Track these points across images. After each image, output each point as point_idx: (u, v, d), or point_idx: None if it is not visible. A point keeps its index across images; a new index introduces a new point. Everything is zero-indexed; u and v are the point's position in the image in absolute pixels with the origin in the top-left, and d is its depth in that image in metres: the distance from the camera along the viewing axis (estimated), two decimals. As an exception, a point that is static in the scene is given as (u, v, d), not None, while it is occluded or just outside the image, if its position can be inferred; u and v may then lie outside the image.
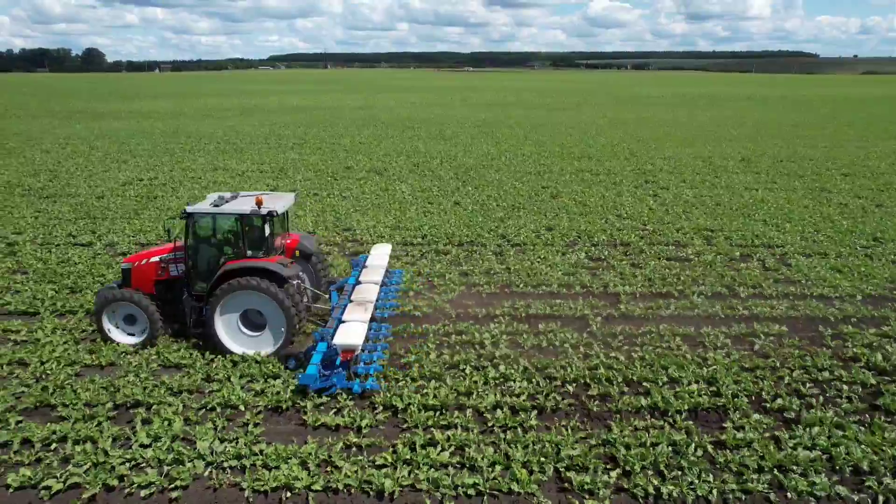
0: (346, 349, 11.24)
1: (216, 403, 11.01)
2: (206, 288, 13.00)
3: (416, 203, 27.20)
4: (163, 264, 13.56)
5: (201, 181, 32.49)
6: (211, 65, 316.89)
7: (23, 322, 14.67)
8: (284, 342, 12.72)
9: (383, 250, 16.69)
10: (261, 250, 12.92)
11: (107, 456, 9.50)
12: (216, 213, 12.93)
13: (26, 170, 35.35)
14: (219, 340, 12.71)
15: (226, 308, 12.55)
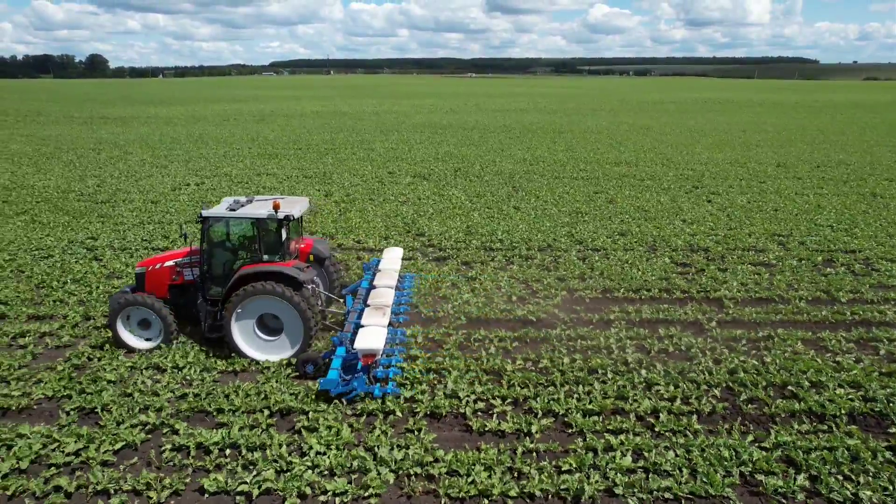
0: (366, 353, 11.23)
1: (373, 409, 10.94)
2: (221, 292, 13.00)
3: (476, 208, 27.18)
4: (178, 268, 13.53)
5: (248, 186, 32.43)
6: (214, 71, 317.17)
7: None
8: (301, 347, 12.68)
9: (395, 254, 16.63)
10: (277, 254, 12.92)
11: (289, 463, 9.42)
12: (232, 217, 12.90)
13: (71, 175, 35.23)
14: (235, 345, 12.69)
15: (242, 313, 12.52)
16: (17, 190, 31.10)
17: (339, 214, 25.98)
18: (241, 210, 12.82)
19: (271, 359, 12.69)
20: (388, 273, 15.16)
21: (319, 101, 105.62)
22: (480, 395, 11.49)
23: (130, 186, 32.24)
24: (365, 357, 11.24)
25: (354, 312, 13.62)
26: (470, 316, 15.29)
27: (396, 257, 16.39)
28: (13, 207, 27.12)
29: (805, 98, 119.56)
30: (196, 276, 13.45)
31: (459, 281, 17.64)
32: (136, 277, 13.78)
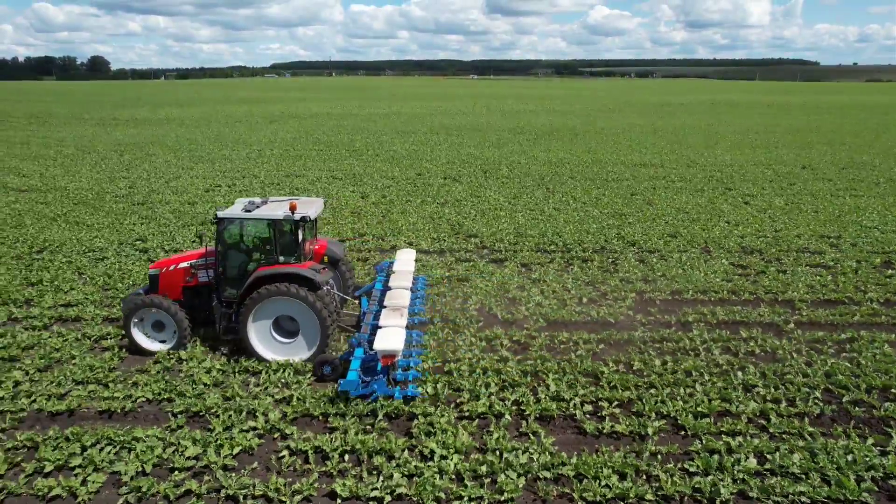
0: (386, 355, 11.12)
1: (472, 413, 10.86)
2: (236, 294, 12.90)
3: (517, 210, 27.11)
4: (192, 270, 13.42)
5: (280, 187, 32.32)
6: (216, 72, 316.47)
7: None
8: (319, 349, 12.55)
9: (409, 255, 16.55)
10: (292, 256, 12.81)
11: (416, 468, 9.33)
12: (248, 219, 12.81)
13: (100, 177, 35.08)
14: (251, 347, 12.59)
15: (258, 314, 12.41)
16: (52, 192, 30.93)
17: (383, 216, 25.89)
18: (257, 211, 12.71)
19: (284, 360, 12.54)
20: (403, 274, 15.03)
21: (328, 102, 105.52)
22: (584, 397, 11.41)
23: (162, 188, 32.11)
24: (385, 358, 11.14)
25: (370, 314, 13.58)
26: (547, 318, 15.22)
27: (410, 259, 16.28)
28: (53, 209, 26.97)
29: (811, 99, 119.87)
30: (211, 278, 13.33)
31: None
32: (149, 279, 13.63)
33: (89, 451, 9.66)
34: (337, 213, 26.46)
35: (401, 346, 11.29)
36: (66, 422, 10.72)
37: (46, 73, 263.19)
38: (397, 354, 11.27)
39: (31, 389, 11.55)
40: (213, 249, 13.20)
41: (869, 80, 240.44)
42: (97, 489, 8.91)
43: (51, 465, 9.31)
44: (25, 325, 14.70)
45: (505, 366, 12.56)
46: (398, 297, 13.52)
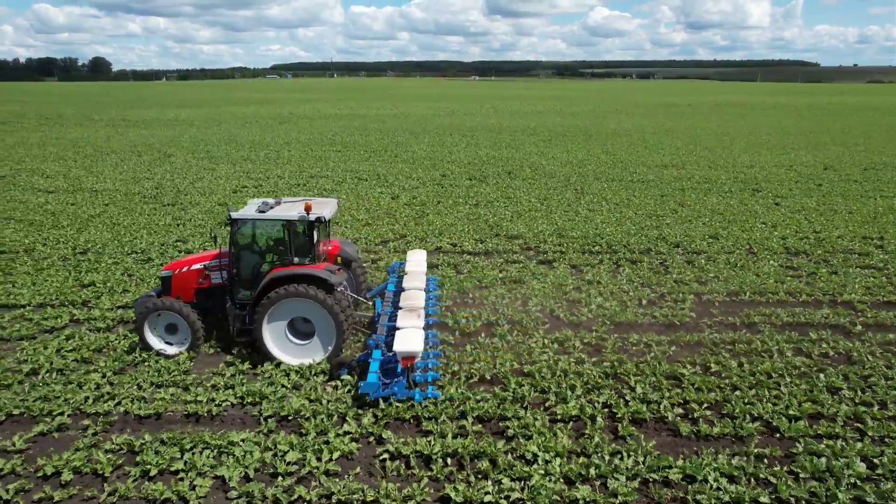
0: (405, 356, 11.01)
1: (564, 416, 10.77)
2: (249, 296, 12.76)
3: (552, 210, 27.02)
4: (206, 272, 13.28)
5: (307, 187, 32.20)
6: (217, 73, 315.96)
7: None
8: (334, 350, 12.41)
9: (420, 256, 16.41)
10: (307, 257, 12.68)
11: (523, 471, 9.22)
12: (262, 220, 12.67)
13: (124, 177, 34.93)
14: (266, 349, 12.45)
15: (274, 316, 12.28)
16: (79, 193, 30.76)
17: (418, 217, 25.79)
18: (272, 212, 12.59)
19: (303, 363, 12.42)
20: (417, 275, 14.89)
21: (334, 103, 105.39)
22: (670, 399, 11.33)
23: (189, 188, 31.97)
24: (404, 360, 11.04)
25: (385, 315, 13.40)
26: (612, 320, 15.14)
27: (421, 260, 16.17)
28: (86, 210, 26.81)
29: (815, 101, 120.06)
30: (224, 280, 13.18)
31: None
32: (161, 281, 13.50)
33: (188, 455, 9.53)
34: (371, 214, 26.33)
35: (420, 347, 11.16)
36: (155, 425, 10.60)
37: (48, 73, 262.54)
38: (417, 356, 11.15)
39: (114, 392, 11.42)
40: (227, 251, 13.08)
41: (870, 81, 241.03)
42: (205, 493, 8.79)
43: (154, 468, 9.18)
44: (89, 327, 14.56)
45: (583, 368, 12.46)
46: (414, 298, 13.39)
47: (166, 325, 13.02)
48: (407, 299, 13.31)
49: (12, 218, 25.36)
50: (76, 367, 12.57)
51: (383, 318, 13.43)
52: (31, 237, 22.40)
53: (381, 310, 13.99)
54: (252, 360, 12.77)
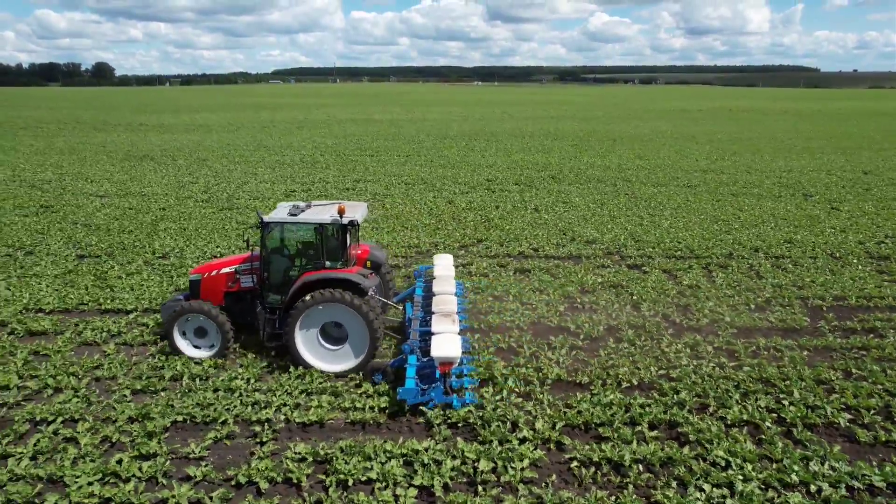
0: (444, 362, 10.84)
1: (734, 421, 10.65)
2: (280, 300, 12.61)
3: (614, 215, 26.93)
4: (236, 275, 13.12)
5: (353, 192, 31.99)
6: (220, 78, 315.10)
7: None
8: (367, 356, 12.17)
9: (446, 261, 16.26)
10: (339, 261, 12.49)
11: (722, 478, 9.09)
12: (294, 223, 12.53)
13: (168, 182, 34.70)
14: (298, 354, 12.21)
15: (306, 321, 12.06)
16: (131, 197, 30.51)
17: (483, 221, 25.66)
18: (304, 215, 12.44)
19: (334, 369, 12.21)
20: (446, 279, 14.68)
21: (344, 108, 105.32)
22: (832, 404, 11.21)
23: (237, 192, 31.77)
24: (442, 365, 10.87)
25: (417, 320, 13.28)
26: (733, 324, 15.04)
27: (449, 264, 15.96)
28: (144, 216, 26.56)
29: (824, 106, 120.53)
30: (254, 283, 13.04)
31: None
32: (190, 284, 13.34)
33: (374, 463, 9.35)
34: (436, 218, 26.18)
35: (458, 352, 11.00)
36: (321, 433, 10.41)
37: (51, 79, 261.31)
38: (455, 361, 10.98)
39: (268, 400, 11.22)
40: (258, 254, 12.90)
41: (872, 86, 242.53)
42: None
43: (350, 478, 9.00)
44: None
45: (727, 372, 12.35)
46: (446, 302, 13.23)
47: (195, 328, 12.85)
48: (439, 304, 13.15)
49: (76, 223, 25.11)
50: (214, 372, 12.37)
51: (415, 322, 13.27)
52: (105, 242, 22.16)
53: (412, 314, 13.79)
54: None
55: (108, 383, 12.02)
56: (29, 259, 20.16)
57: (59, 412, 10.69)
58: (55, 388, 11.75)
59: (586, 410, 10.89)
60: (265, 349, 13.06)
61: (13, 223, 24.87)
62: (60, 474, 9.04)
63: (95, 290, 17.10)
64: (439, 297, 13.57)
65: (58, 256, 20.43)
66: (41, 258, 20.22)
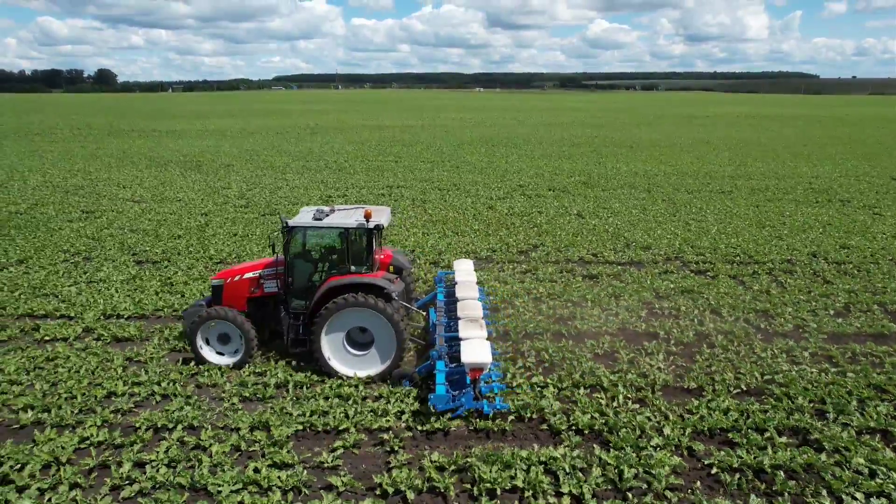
0: (474, 367, 10.72)
1: (861, 427, 10.56)
2: (304, 305, 12.48)
3: (660, 221, 26.88)
4: (260, 280, 12.94)
5: (389, 197, 31.91)
6: (222, 85, 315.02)
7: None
8: (394, 361, 12.06)
9: (468, 266, 16.16)
10: (364, 266, 12.37)
11: (876, 484, 9.00)
12: (320, 227, 12.40)
13: (200, 188, 34.56)
14: (324, 360, 12.08)
15: (332, 326, 11.93)
16: (168, 202, 30.36)
17: (532, 226, 25.60)
18: (329, 219, 12.29)
19: (359, 374, 12.08)
20: (469, 285, 14.57)
21: (353, 114, 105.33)
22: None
23: (275, 198, 31.63)
24: (473, 371, 10.75)
25: (441, 325, 13.19)
26: (820, 329, 14.97)
27: (470, 269, 15.82)
28: (188, 221, 26.41)
29: (830, 112, 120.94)
30: (279, 289, 12.88)
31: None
32: (212, 290, 13.18)
33: (517, 471, 9.22)
34: (485, 223, 26.10)
35: (489, 358, 10.89)
36: (448, 441, 10.28)
37: (54, 85, 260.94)
38: (486, 367, 10.87)
39: (384, 407, 11.08)
40: (282, 259, 12.72)
41: (873, 92, 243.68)
42: (567, 512, 8.49)
43: (497, 486, 8.87)
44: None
45: (833, 377, 12.29)
46: (472, 307, 13.12)
47: (218, 334, 12.68)
48: (465, 309, 13.04)
49: (122, 228, 24.95)
50: (318, 379, 12.23)
51: (440, 328, 13.14)
52: (158, 247, 22.03)
53: (436, 320, 13.64)
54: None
55: (212, 390, 11.87)
56: (90, 265, 20.01)
57: (178, 419, 10.54)
58: (162, 394, 11.60)
59: (707, 416, 10.78)
60: (289, 355, 12.89)
61: (61, 228, 24.71)
62: (203, 482, 8.89)
63: (166, 296, 16.96)
64: (464, 302, 13.49)
65: (117, 262, 20.29)
66: (101, 264, 20.06)
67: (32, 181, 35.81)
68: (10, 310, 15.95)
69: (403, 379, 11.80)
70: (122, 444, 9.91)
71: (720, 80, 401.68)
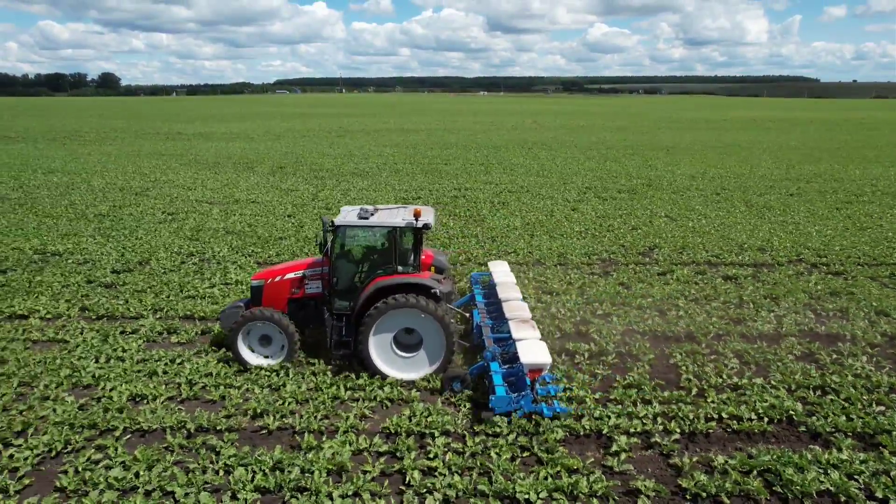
0: (534, 368, 10.52)
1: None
2: (348, 306, 12.17)
3: (754, 223, 26.64)
4: (305, 280, 12.61)
5: (467, 200, 31.51)
6: (226, 88, 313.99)
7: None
8: (443, 363, 11.80)
9: (504, 267, 15.89)
10: (410, 266, 12.10)
11: None
12: (367, 227, 12.08)
13: (266, 189, 34.10)
14: (371, 362, 11.79)
15: (380, 327, 11.64)
16: (242, 204, 29.89)
17: (631, 228, 25.33)
18: (376, 218, 11.98)
19: (408, 377, 11.81)
20: (510, 286, 14.28)
21: (369, 117, 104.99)
22: None
23: (351, 200, 31.21)
24: (532, 372, 10.52)
25: (487, 327, 12.98)
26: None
27: (507, 270, 15.54)
28: (278, 222, 25.99)
29: (840, 115, 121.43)
30: (323, 289, 12.56)
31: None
32: (251, 291, 12.86)
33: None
34: (582, 226, 25.80)
35: (549, 358, 10.68)
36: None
37: (57, 89, 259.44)
38: (546, 367, 10.66)
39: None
40: (324, 259, 12.38)
41: (876, 96, 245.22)
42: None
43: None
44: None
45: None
46: (519, 308, 12.87)
47: (260, 336, 12.35)
48: (512, 310, 12.76)
49: (214, 230, 24.47)
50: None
51: (486, 329, 12.89)
52: (270, 250, 21.60)
53: (480, 321, 13.38)
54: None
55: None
56: (211, 266, 19.58)
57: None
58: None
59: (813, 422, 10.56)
60: (331, 357, 12.55)
61: (156, 231, 24.22)
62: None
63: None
64: (510, 303, 13.20)
65: (236, 264, 19.85)
66: (222, 265, 19.63)
67: (95, 183, 35.24)
68: (168, 310, 15.59)
69: (454, 381, 11.43)
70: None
71: (721, 83, 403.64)
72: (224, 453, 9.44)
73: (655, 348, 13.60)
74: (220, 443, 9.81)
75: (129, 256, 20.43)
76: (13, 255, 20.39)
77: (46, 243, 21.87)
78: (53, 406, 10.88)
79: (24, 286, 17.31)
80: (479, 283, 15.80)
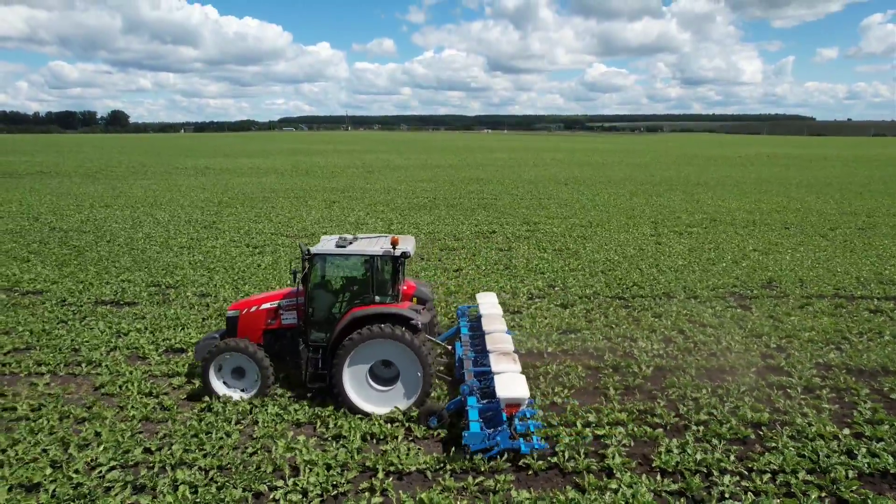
0: (511, 403, 10.07)
1: None
2: (324, 337, 11.80)
3: (828, 256, 26.38)
4: (279, 311, 12.23)
5: (545, 233, 31.24)
6: (233, 126, 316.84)
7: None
8: (420, 397, 11.33)
9: (492, 298, 15.55)
10: (388, 296, 11.73)
11: None
12: (345, 255, 11.80)
13: (330, 221, 33.79)
14: (346, 396, 11.30)
15: (355, 359, 11.18)
16: (314, 237, 29.45)
17: (732, 262, 25.02)
18: (353, 247, 11.73)
19: (382, 411, 11.30)
20: (496, 318, 13.91)
21: (388, 154, 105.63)
22: None
23: (428, 235, 30.90)
24: (509, 407, 10.09)
25: (469, 360, 12.58)
26: None
27: (494, 301, 15.20)
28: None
29: (847, 153, 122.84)
30: (298, 320, 12.17)
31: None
32: (227, 321, 12.50)
33: None
34: (685, 259, 25.49)
35: (527, 393, 10.21)
36: None
37: (68, 126, 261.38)
38: (524, 403, 10.20)
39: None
40: (300, 289, 12.00)
41: (876, 134, 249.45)
42: None
43: None
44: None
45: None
46: (502, 340, 12.51)
47: (233, 368, 11.92)
48: (495, 342, 12.36)
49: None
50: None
51: (467, 362, 12.46)
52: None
53: (463, 354, 12.97)
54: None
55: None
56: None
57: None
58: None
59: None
60: (306, 390, 12.08)
61: (256, 264, 23.69)
62: None
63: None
64: (493, 335, 12.79)
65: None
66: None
67: (160, 217, 34.83)
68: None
69: (431, 416, 10.94)
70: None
71: (718, 121, 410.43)
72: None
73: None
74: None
75: (247, 289, 19.90)
76: (129, 289, 19.85)
77: (156, 276, 21.34)
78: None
79: (168, 322, 16.76)
80: (464, 316, 15.37)
